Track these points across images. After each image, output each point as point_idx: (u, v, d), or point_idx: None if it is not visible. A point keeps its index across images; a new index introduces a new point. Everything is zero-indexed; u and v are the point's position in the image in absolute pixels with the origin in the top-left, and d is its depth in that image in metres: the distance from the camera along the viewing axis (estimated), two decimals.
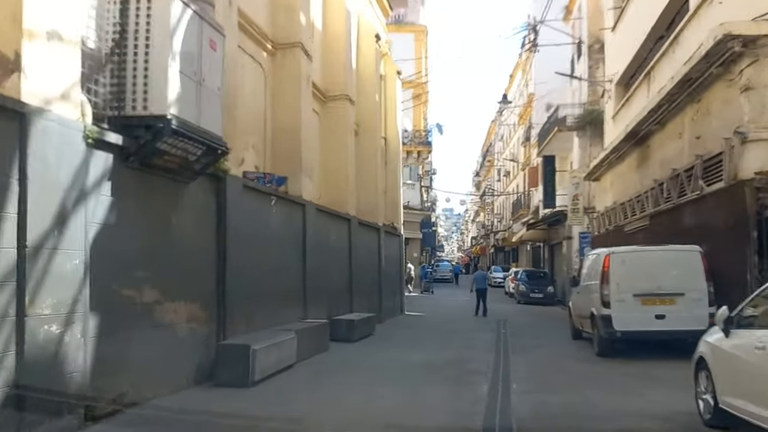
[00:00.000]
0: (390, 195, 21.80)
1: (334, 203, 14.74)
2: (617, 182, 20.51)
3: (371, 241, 17.78)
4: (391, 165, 21.87)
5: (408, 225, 39.72)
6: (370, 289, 17.38)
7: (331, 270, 13.64)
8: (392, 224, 21.44)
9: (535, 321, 20.69)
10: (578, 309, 13.42)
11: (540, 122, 36.28)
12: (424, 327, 17.74)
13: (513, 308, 26.41)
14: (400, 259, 21.94)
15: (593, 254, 13.02)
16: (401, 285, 21.95)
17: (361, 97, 18.39)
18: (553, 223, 31.27)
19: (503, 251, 57.27)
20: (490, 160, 65.15)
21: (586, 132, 27.31)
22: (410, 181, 39.69)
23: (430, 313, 23.01)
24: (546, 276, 30.74)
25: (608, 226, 21.45)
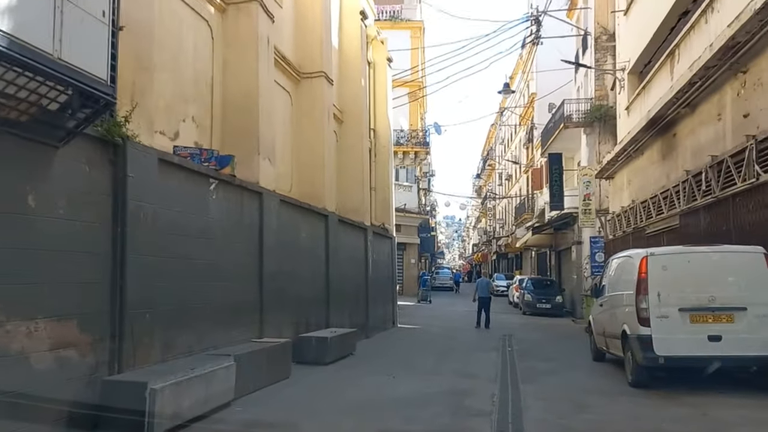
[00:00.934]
0: (380, 193, 19.45)
1: (308, 197, 12.38)
2: (635, 179, 18.15)
3: (356, 242, 15.41)
4: (381, 160, 19.52)
5: (405, 229, 37.36)
6: (355, 298, 15.00)
7: (301, 275, 11.26)
8: (383, 225, 19.07)
9: (545, 336, 18.27)
10: (602, 325, 11.01)
11: (542, 123, 34.04)
12: (417, 343, 15.32)
13: (518, 320, 23.98)
14: (392, 264, 19.56)
15: (622, 257, 10.63)
16: (393, 293, 19.55)
17: (344, 81, 16.09)
18: (561, 227, 28.88)
19: (506, 258, 54.79)
20: (491, 164, 62.84)
21: (594, 129, 25.05)
22: (407, 183, 37.39)
23: (427, 325, 20.60)
24: (553, 284, 28.32)
25: (625, 228, 19.07)
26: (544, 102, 36.37)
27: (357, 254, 15.47)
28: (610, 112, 24.43)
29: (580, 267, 25.84)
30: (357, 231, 15.50)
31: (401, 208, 36.03)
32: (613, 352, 10.40)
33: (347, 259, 14.34)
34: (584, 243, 25.15)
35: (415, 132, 37.82)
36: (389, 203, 19.65)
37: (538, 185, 36.84)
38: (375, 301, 16.68)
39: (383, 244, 18.60)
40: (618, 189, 20.81)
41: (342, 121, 15.98)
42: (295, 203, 11.06)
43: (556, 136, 27.52)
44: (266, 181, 9.61)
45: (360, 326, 15.28)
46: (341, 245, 13.74)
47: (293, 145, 12.64)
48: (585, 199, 21.65)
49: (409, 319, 22.49)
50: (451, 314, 25.80)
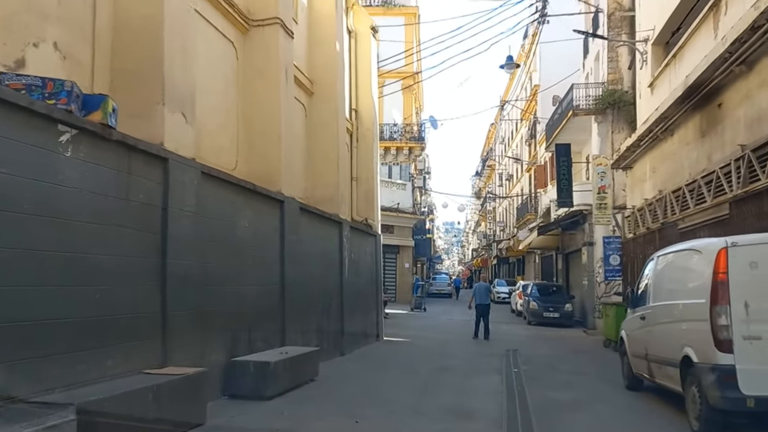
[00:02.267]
0: (363, 184, 16.65)
1: (259, 177, 9.58)
2: (662, 166, 15.35)
3: (327, 238, 12.59)
4: (365, 146, 16.74)
5: (398, 231, 34.54)
6: (324, 307, 12.17)
7: (238, 278, 8.43)
8: (366, 221, 16.27)
9: (556, 351, 15.43)
10: (643, 345, 8.18)
11: (546, 117, 31.33)
12: (402, 363, 12.47)
13: (523, 331, 21.13)
14: (376, 266, 16.73)
15: (678, 251, 7.81)
16: (378, 301, 16.72)
17: (315, 45, 13.32)
18: (569, 227, 26.05)
19: (507, 263, 51.90)
20: (491, 165, 60.07)
21: (607, 116, 22.31)
22: (401, 180, 34.60)
23: (418, 338, 17.76)
24: (561, 291, 25.46)
25: (650, 224, 16.26)
26: (547, 95, 33.66)
27: (328, 253, 12.64)
28: (625, 97, 21.70)
29: (591, 271, 23.03)
30: (329, 225, 12.68)
31: (394, 208, 33.26)
32: (661, 382, 7.58)
33: (314, 258, 11.53)
34: (597, 244, 22.36)
35: (409, 126, 35.04)
36: (374, 196, 16.85)
37: (542, 183, 34.06)
38: (353, 311, 13.85)
39: (365, 243, 15.79)
40: (638, 180, 18.01)
41: (312, 93, 13.20)
42: (230, 180, 8.22)
43: (564, 126, 24.74)
44: (177, 143, 6.78)
45: (332, 342, 12.47)
46: (305, 241, 10.93)
47: (242, 113, 9.84)
48: (600, 192, 18.85)
49: (398, 330, 19.66)
50: (446, 324, 22.96)
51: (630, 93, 21.84)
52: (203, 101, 8.57)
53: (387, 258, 34.26)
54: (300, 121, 12.74)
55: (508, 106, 44.52)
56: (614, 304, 15.65)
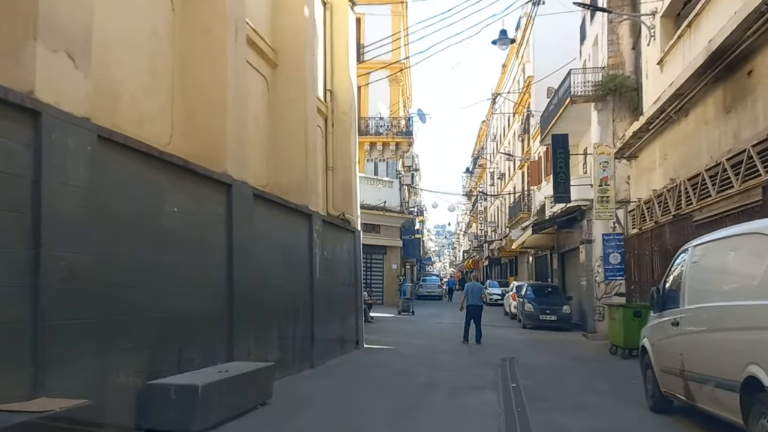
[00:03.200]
0: (340, 174, 14.89)
1: (201, 155, 7.80)
2: (675, 151, 13.69)
3: (293, 232, 10.80)
4: (341, 131, 14.98)
5: (385, 230, 32.77)
6: (289, 313, 10.38)
7: (164, 275, 6.64)
8: (343, 215, 14.51)
9: (558, 359, 13.70)
10: (675, 359, 6.43)
11: (540, 109, 29.71)
12: (380, 377, 10.69)
13: (518, 335, 19.39)
14: (355, 265, 14.94)
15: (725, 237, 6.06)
16: (357, 305, 14.93)
17: (279, 9, 11.55)
18: (565, 225, 24.33)
19: (499, 263, 50.20)
20: (482, 164, 58.42)
21: (607, 104, 20.69)
22: (387, 178, 32.86)
23: (403, 344, 16.00)
24: (558, 291, 23.75)
25: (659, 218, 14.60)
26: (541, 87, 32.02)
27: (295, 249, 10.86)
28: (627, 82, 20.10)
29: (590, 271, 21.36)
30: (295, 217, 10.90)
31: (380, 207, 31.51)
32: (706, 407, 5.85)
33: (275, 254, 9.76)
34: (596, 242, 20.71)
35: (396, 120, 33.32)
36: (352, 187, 15.08)
37: (536, 180, 32.42)
38: (326, 315, 12.08)
39: (342, 239, 14.02)
40: (645, 170, 16.35)
41: (276, 66, 11.43)
42: (148, 152, 6.41)
43: (561, 115, 23.05)
44: (59, 94, 4.99)
45: (299, 353, 10.68)
46: (262, 234, 9.16)
47: (179, 76, 8.05)
48: (601, 183, 17.15)
49: (382, 336, 17.89)
50: (435, 328, 21.21)
51: (633, 78, 20.25)
52: (120, 55, 6.80)
53: (374, 259, 32.54)
54: (260, 95, 10.97)
55: (500, 100, 42.89)
56: (621, 306, 13.96)
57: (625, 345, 13.71)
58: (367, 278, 31.96)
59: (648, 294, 15.86)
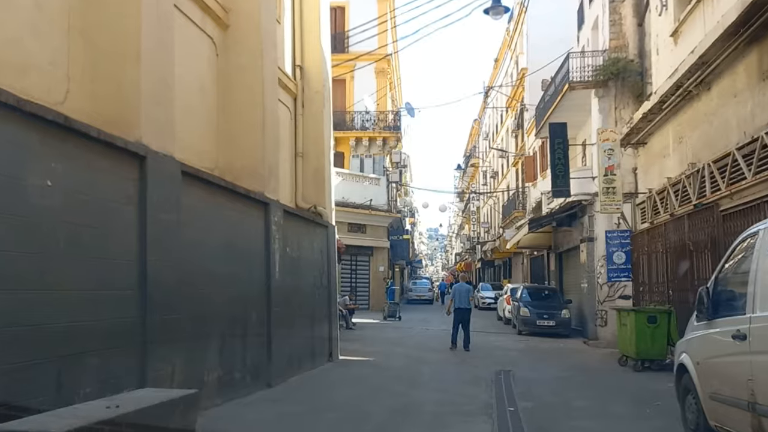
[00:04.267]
0: (311, 161, 13.05)
1: (108, 119, 5.94)
2: (695, 131, 11.89)
3: (242, 224, 8.91)
4: (313, 112, 13.13)
5: (372, 230, 30.87)
6: (235, 321, 8.49)
7: (32, 274, 4.76)
8: (314, 208, 12.64)
9: (563, 373, 11.83)
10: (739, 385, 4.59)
11: (534, 103, 28.02)
12: (348, 400, 8.80)
13: (514, 343, 17.53)
14: (328, 265, 13.04)
15: None
16: (330, 310, 13.03)
17: None
18: (563, 222, 22.55)
19: (492, 265, 48.35)
20: (474, 163, 56.65)
21: (609, 90, 18.96)
22: (374, 175, 31.00)
23: (384, 354, 14.14)
24: (555, 294, 21.94)
25: (675, 208, 12.81)
26: (536, 80, 30.29)
27: (245, 245, 8.96)
28: (631, 66, 18.35)
29: (592, 271, 19.57)
30: (246, 205, 9.01)
31: (366, 205, 29.65)
32: None
33: (215, 250, 7.88)
34: (598, 240, 18.93)
35: (383, 114, 31.48)
36: (325, 177, 13.22)
37: (531, 176, 30.68)
38: (289, 325, 10.20)
39: (312, 235, 12.14)
40: (655, 157, 14.57)
41: (227, 26, 9.56)
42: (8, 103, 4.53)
43: (559, 104, 21.31)
44: None
45: (251, 371, 8.79)
46: (195, 224, 7.29)
47: (78, 19, 6.17)
48: (607, 173, 15.33)
49: (363, 345, 16.03)
50: (422, 336, 19.34)
51: (637, 62, 18.50)
52: None
53: (359, 261, 30.68)
54: (206, 60, 9.11)
55: (493, 94, 41.15)
56: (633, 311, 12.14)
57: (637, 355, 11.90)
58: (351, 281, 30.11)
59: (661, 297, 14.14)
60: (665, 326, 11.79)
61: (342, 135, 31.05)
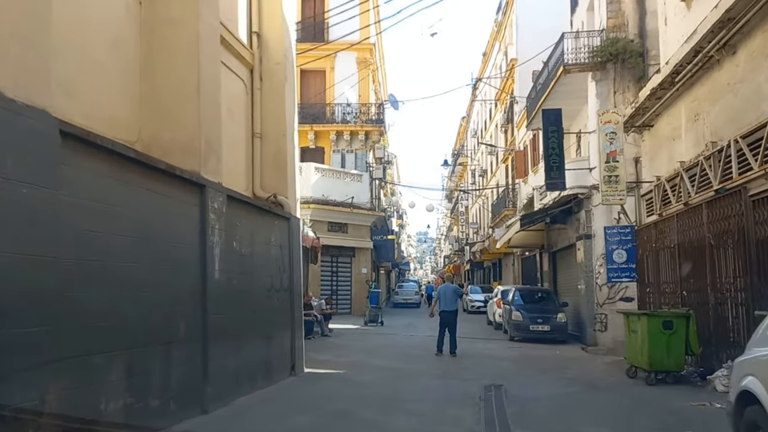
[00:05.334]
0: (271, 144, 11.24)
1: None
2: (716, 105, 10.20)
3: (168, 209, 7.08)
4: (273, 87, 11.34)
5: (353, 230, 29.06)
6: (157, 332, 6.67)
7: None
8: (273, 197, 10.83)
9: (564, 389, 10.06)
10: None
11: (525, 95, 26.43)
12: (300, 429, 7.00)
13: (505, 351, 15.76)
14: (290, 264, 11.20)
15: None
16: (293, 316, 11.18)
17: None
18: (557, 219, 20.87)
19: (481, 267, 46.65)
20: (463, 162, 54.99)
21: (607, 72, 17.38)
22: (356, 171, 29.23)
23: (359, 367, 12.36)
24: (550, 297, 20.23)
25: (691, 196, 11.12)
26: (526, 72, 28.67)
27: (172, 236, 7.13)
28: (632, 47, 16.77)
29: (589, 271, 17.89)
30: (173, 187, 7.18)
31: (348, 203, 27.86)
32: None
33: (122, 242, 6.05)
34: (596, 236, 17.28)
35: (365, 107, 29.70)
36: (287, 162, 11.38)
37: (522, 172, 29.05)
38: (234, 334, 8.39)
39: (270, 229, 10.31)
40: (664, 140, 12.89)
41: None
42: None
43: (552, 90, 19.65)
44: None
45: (176, 395, 6.94)
46: (93, 207, 5.50)
47: None
48: (609, 159, 13.63)
49: (337, 354, 14.24)
50: (405, 343, 17.56)
51: (637, 42, 16.91)
52: None
53: (340, 262, 28.89)
54: (123, 9, 7.31)
55: (482, 87, 39.54)
56: (645, 315, 10.40)
57: (650, 367, 10.18)
58: (331, 284, 28.28)
59: (672, 298, 12.40)
60: (682, 332, 10.09)
61: (322, 129, 29.29)
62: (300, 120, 30.49)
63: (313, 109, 29.43)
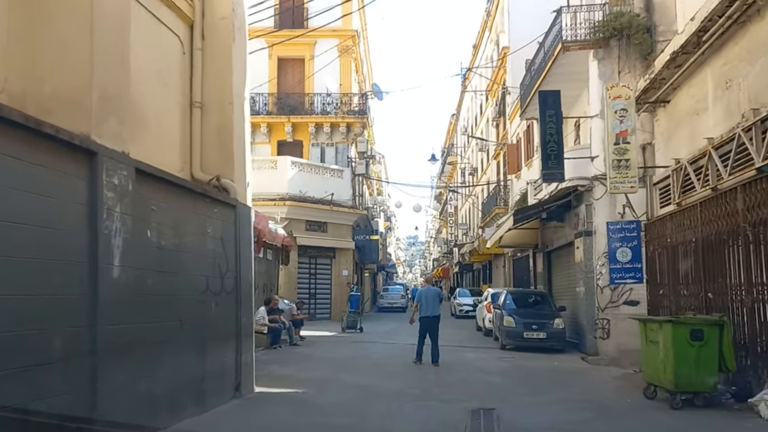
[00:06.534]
0: (214, 115, 9.24)
1: None
2: (752, 68, 8.31)
3: (35, 184, 5.07)
4: (218, 47, 9.33)
5: (333, 229, 27.01)
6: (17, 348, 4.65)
7: None
8: (216, 180, 8.83)
9: (568, 413, 8.08)
10: None
11: (517, 85, 24.57)
12: None
13: (497, 362, 13.76)
14: (237, 260, 9.18)
15: None
16: (238, 325, 9.13)
17: None
18: (553, 216, 18.94)
19: (470, 270, 44.70)
20: (452, 161, 53.11)
21: (611, 50, 15.53)
22: (336, 166, 27.24)
23: (323, 384, 10.36)
24: (546, 300, 18.29)
25: (720, 181, 9.22)
26: (518, 60, 26.83)
27: (42, 222, 5.12)
28: (637, 21, 14.90)
29: (590, 272, 15.92)
30: (46, 153, 5.17)
31: (327, 200, 25.88)
32: None
33: None
34: (597, 233, 15.35)
35: (347, 97, 27.73)
36: (233, 137, 9.36)
37: (515, 167, 27.14)
38: (145, 351, 6.38)
39: (205, 218, 8.28)
40: (684, 117, 11.01)
41: None
42: None
43: (549, 71, 17.74)
44: None
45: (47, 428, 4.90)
46: None
47: None
48: (618, 141, 11.72)
49: (300, 368, 12.25)
50: (384, 352, 15.56)
51: (644, 17, 15.04)
52: None
53: (319, 264, 26.87)
54: None
55: (473, 77, 37.70)
56: (669, 323, 8.46)
57: (675, 386, 8.26)
58: (309, 287, 26.27)
59: (694, 302, 10.44)
60: (715, 344, 8.18)
61: (300, 120, 27.29)
62: (277, 111, 28.68)
63: (291, 100, 27.46)
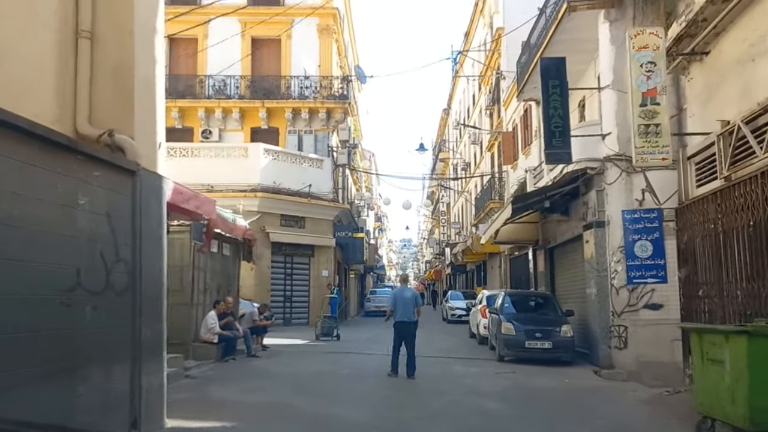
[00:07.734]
0: (109, 51, 6.73)
1: None
2: None
3: None
4: None
5: (312, 224, 24.40)
6: None
7: None
8: (109, 135, 6.31)
9: None
10: None
11: (512, 69, 22.23)
12: None
13: (493, 379, 11.25)
14: (135, 248, 6.68)
15: None
16: (135, 338, 6.63)
17: None
18: (556, 208, 16.40)
19: (464, 271, 42.21)
20: (444, 158, 50.73)
21: (625, 9, 13.23)
22: (315, 155, 24.73)
23: (265, 412, 7.86)
24: (550, 303, 15.80)
25: None
26: (514, 43, 24.35)
27: None
28: None
29: (603, 270, 13.37)
30: None
31: (304, 192, 23.37)
32: None
33: None
34: (612, 224, 12.85)
35: (327, 80, 25.22)
36: (133, 80, 6.86)
37: (511, 156, 24.75)
38: None
39: (76, 186, 5.76)
40: (731, 69, 8.58)
41: None
42: None
43: (552, 38, 15.34)
44: None
45: None
46: None
47: None
48: (645, 101, 9.28)
49: (245, 389, 9.71)
50: (356, 365, 12.99)
51: None
52: None
53: (296, 263, 24.31)
54: None
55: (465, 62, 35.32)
56: (741, 334, 5.99)
57: (751, 424, 5.78)
58: (285, 289, 23.70)
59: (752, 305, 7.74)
60: None
61: (275, 105, 24.78)
62: (250, 95, 26.09)
63: (266, 83, 24.96)
